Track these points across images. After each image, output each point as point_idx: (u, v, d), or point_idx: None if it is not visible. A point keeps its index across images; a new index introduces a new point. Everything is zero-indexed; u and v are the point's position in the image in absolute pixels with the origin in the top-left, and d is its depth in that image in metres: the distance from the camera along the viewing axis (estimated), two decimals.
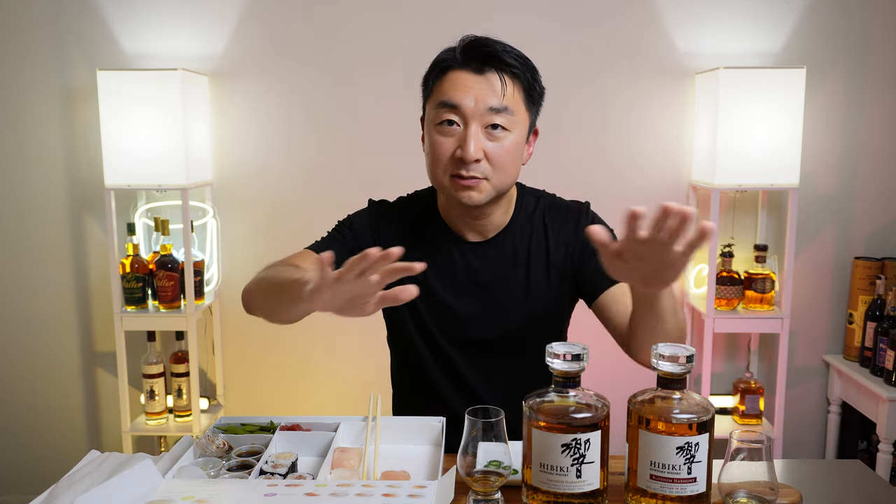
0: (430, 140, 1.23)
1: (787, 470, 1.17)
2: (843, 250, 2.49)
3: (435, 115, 1.21)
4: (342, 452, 1.11)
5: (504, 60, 1.19)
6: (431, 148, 1.23)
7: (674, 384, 0.92)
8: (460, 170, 1.20)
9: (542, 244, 1.33)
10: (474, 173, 1.19)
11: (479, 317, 1.33)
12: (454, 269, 1.32)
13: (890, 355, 2.21)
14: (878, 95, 2.41)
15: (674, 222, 0.85)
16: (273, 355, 2.53)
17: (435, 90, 1.23)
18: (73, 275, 2.50)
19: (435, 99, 1.22)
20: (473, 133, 1.18)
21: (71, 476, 0.99)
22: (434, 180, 1.26)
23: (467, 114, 1.19)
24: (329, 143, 2.44)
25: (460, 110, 1.19)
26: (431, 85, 1.24)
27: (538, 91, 1.25)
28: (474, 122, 1.19)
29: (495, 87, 1.19)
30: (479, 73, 1.19)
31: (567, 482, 0.90)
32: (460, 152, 1.19)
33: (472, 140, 1.18)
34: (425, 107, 1.27)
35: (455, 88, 1.19)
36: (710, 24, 2.37)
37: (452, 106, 1.19)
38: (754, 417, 2.40)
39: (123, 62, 2.37)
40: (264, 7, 2.37)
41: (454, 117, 1.19)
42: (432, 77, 1.24)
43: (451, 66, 1.21)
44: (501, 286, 1.32)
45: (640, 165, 2.45)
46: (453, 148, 1.20)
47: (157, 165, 2.19)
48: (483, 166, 1.20)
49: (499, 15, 2.36)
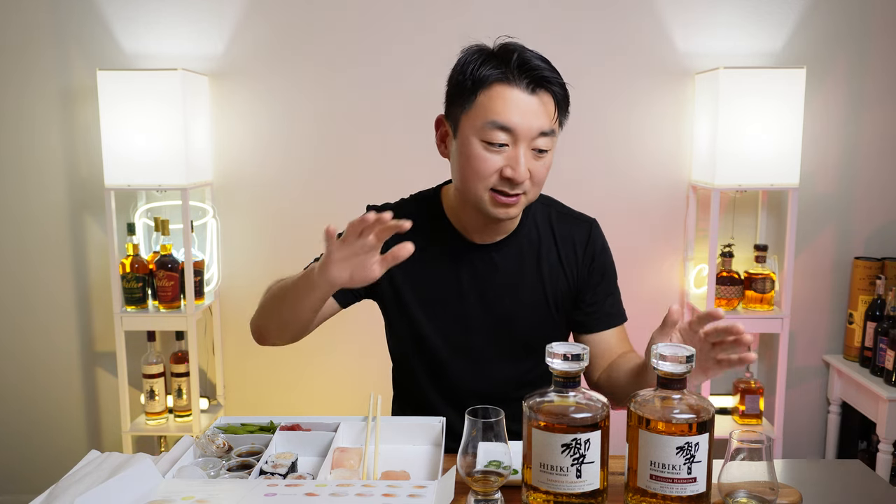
0: (473, 153, 1.19)
1: (787, 470, 1.17)
2: (843, 250, 2.49)
3: (481, 131, 1.17)
4: (342, 452, 1.11)
5: (552, 82, 1.19)
6: (474, 162, 1.19)
7: (674, 384, 0.92)
8: (505, 188, 1.19)
9: (550, 251, 1.34)
10: (518, 191, 1.19)
11: (482, 319, 1.33)
12: (459, 271, 1.32)
13: (890, 355, 2.21)
14: (878, 95, 2.41)
15: (725, 337, 1.03)
16: (273, 355, 2.52)
17: (480, 104, 1.18)
18: (73, 275, 2.50)
19: (481, 114, 1.17)
20: (524, 154, 1.17)
21: (71, 476, 0.99)
22: (469, 190, 1.22)
23: (519, 136, 1.17)
24: (329, 144, 2.44)
25: (512, 132, 1.17)
26: (474, 95, 1.18)
27: (568, 108, 1.26)
28: (524, 143, 1.17)
29: (548, 111, 1.18)
30: (532, 94, 1.17)
31: (567, 482, 0.90)
32: (511, 172, 1.17)
33: (524, 162, 1.17)
34: (460, 114, 1.21)
35: (508, 109, 1.16)
36: (710, 24, 2.37)
37: (504, 128, 1.16)
38: (754, 417, 2.40)
39: (123, 62, 2.37)
40: (264, 7, 2.37)
41: (504, 138, 1.17)
42: (475, 86, 1.18)
43: (497, 80, 1.17)
44: (506, 290, 1.32)
45: (640, 165, 2.45)
46: (500, 165, 1.18)
47: (157, 165, 2.19)
48: (526, 184, 1.20)
49: (498, 15, 2.36)
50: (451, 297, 1.32)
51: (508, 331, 1.34)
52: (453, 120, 1.23)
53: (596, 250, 1.37)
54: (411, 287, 1.33)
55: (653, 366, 0.93)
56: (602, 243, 1.39)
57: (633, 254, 2.47)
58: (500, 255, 1.32)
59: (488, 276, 1.32)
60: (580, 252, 1.35)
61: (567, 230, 1.36)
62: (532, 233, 1.34)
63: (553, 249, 1.35)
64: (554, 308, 1.35)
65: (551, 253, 1.34)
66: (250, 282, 2.49)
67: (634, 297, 2.51)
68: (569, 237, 1.35)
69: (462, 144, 1.21)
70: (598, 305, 1.37)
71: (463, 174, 1.22)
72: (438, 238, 1.32)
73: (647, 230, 2.48)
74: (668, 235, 2.49)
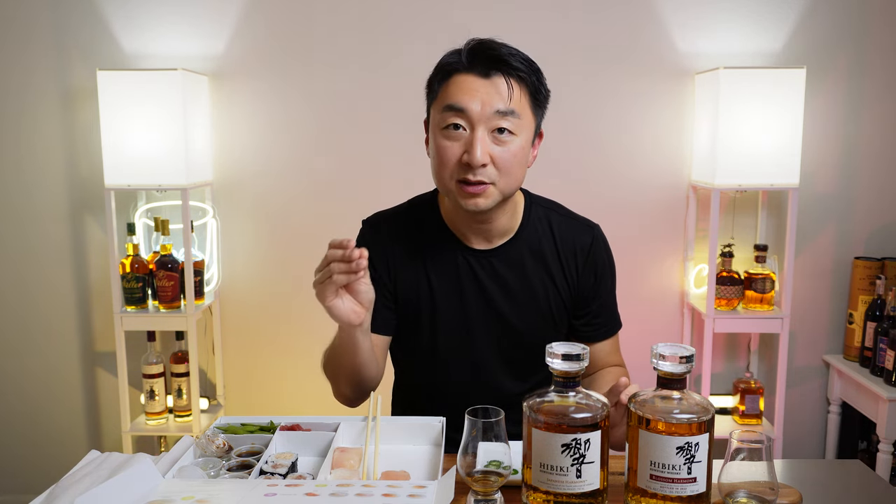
0: (436, 144, 1.22)
1: (787, 470, 1.17)
2: (843, 250, 2.49)
3: (441, 118, 1.20)
4: (342, 452, 1.11)
5: (510, 64, 1.18)
6: (437, 152, 1.21)
7: (674, 384, 0.92)
8: (467, 174, 1.19)
9: (551, 255, 1.33)
10: (481, 178, 1.19)
11: (483, 324, 1.32)
12: (459, 277, 1.31)
13: (890, 355, 2.21)
14: (878, 95, 2.41)
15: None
16: (273, 355, 2.53)
17: (440, 94, 1.21)
18: (73, 275, 2.50)
19: (440, 102, 1.21)
20: (480, 137, 1.17)
21: (71, 476, 0.99)
22: (440, 184, 1.25)
23: (474, 118, 1.17)
24: (329, 143, 2.44)
25: (467, 114, 1.18)
26: (437, 88, 1.22)
27: (544, 94, 1.24)
28: (481, 126, 1.18)
29: (502, 91, 1.18)
30: (486, 77, 1.18)
31: (567, 482, 0.90)
32: (467, 157, 1.18)
33: (479, 144, 1.17)
34: (430, 110, 1.26)
35: (461, 92, 1.18)
36: (710, 24, 2.37)
37: (458, 110, 1.18)
38: (754, 417, 2.40)
39: (123, 62, 2.37)
40: (264, 7, 2.37)
41: (460, 121, 1.18)
42: (437, 80, 1.23)
43: (456, 70, 1.20)
44: (507, 296, 1.32)
45: (640, 165, 2.45)
46: (460, 152, 1.19)
47: (157, 165, 2.19)
48: (489, 171, 1.19)
49: (499, 15, 2.36)
50: (452, 301, 1.32)
51: (509, 335, 1.33)
52: (428, 118, 1.27)
53: (598, 256, 1.36)
54: (414, 292, 1.33)
55: (653, 366, 0.93)
56: (605, 249, 1.39)
57: (633, 254, 2.47)
58: (498, 260, 1.32)
59: (489, 282, 1.31)
60: (581, 258, 1.35)
61: (569, 235, 1.35)
62: (532, 238, 1.33)
63: (555, 255, 1.34)
64: (554, 314, 1.35)
65: (553, 258, 1.33)
66: (250, 282, 2.49)
67: (634, 297, 2.52)
68: (570, 242, 1.34)
69: (431, 139, 1.24)
70: (596, 315, 1.37)
71: (434, 169, 1.25)
72: (439, 245, 1.32)
73: (647, 230, 2.48)
74: (668, 235, 2.49)
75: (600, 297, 1.37)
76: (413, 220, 1.35)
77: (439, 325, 1.32)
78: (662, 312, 2.53)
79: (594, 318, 1.37)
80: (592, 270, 1.35)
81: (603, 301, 1.38)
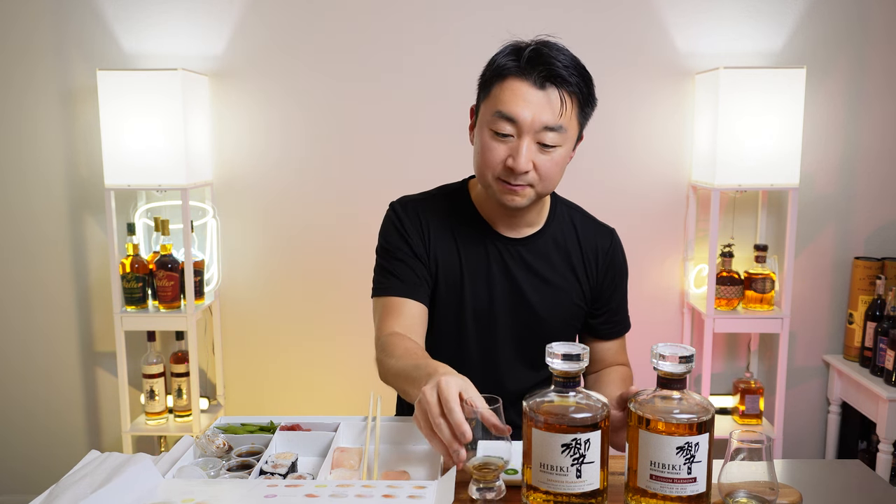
0: (482, 141, 1.24)
1: (787, 470, 1.17)
2: (843, 250, 2.49)
3: (490, 120, 1.22)
4: (342, 452, 1.11)
5: (565, 78, 1.20)
6: (482, 149, 1.24)
7: (674, 384, 0.92)
8: (509, 177, 1.22)
9: (575, 252, 1.38)
10: (521, 182, 1.22)
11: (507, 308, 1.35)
12: (489, 260, 1.34)
13: (890, 355, 2.21)
14: (879, 95, 2.41)
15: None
16: (273, 355, 2.52)
17: (493, 95, 1.22)
18: (73, 275, 2.50)
19: (492, 104, 1.22)
20: (526, 147, 1.20)
21: (71, 476, 0.99)
22: (480, 177, 1.28)
23: (523, 127, 1.20)
24: (329, 143, 2.44)
25: (517, 124, 1.20)
26: (490, 87, 1.24)
27: (592, 105, 1.27)
28: (528, 136, 1.20)
29: (554, 106, 1.19)
30: (540, 88, 1.19)
31: (567, 482, 0.90)
32: (511, 162, 1.21)
33: (524, 154, 1.20)
34: (480, 104, 1.27)
35: (514, 100, 1.19)
36: (710, 24, 2.37)
37: (509, 118, 1.20)
38: (754, 417, 2.40)
39: (123, 62, 2.37)
40: (264, 7, 2.37)
41: (509, 129, 1.20)
42: (492, 79, 1.23)
43: (511, 73, 1.21)
44: (533, 284, 1.35)
45: (640, 165, 2.45)
46: (505, 155, 1.22)
47: (157, 165, 2.19)
48: (531, 176, 1.22)
49: (497, 16, 2.36)
50: (481, 282, 1.34)
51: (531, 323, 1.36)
52: (477, 109, 1.29)
53: (616, 259, 1.42)
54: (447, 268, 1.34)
55: (653, 366, 0.93)
56: (621, 252, 1.44)
57: (633, 254, 2.44)
58: (527, 249, 1.35)
59: (517, 269, 1.34)
60: (602, 259, 1.40)
61: (591, 235, 1.40)
62: (558, 233, 1.38)
63: (577, 252, 1.38)
64: (576, 307, 1.38)
65: (577, 255, 1.38)
66: (250, 282, 2.49)
67: (634, 297, 2.49)
68: (592, 242, 1.39)
69: (478, 133, 1.27)
70: (610, 315, 1.43)
71: (476, 161, 1.27)
72: (470, 231, 1.35)
73: (647, 230, 2.48)
74: (668, 235, 2.49)
75: (617, 297, 1.43)
76: (444, 205, 1.38)
77: (467, 304, 1.34)
78: (662, 312, 2.53)
79: (612, 317, 1.43)
80: (611, 272, 1.41)
81: (617, 300, 1.43)
